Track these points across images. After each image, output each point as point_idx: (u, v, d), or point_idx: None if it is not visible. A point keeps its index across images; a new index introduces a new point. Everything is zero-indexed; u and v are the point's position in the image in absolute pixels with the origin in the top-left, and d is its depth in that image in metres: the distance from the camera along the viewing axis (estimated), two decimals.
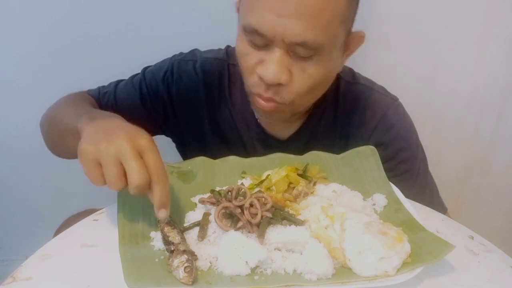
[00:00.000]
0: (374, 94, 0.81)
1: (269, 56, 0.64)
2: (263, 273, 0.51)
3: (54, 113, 0.78)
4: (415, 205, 0.67)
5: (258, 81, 0.67)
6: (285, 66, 0.64)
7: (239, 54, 0.68)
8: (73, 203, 0.86)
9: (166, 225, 0.55)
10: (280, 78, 0.64)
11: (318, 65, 0.65)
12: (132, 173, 0.51)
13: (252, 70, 0.67)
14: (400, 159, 0.79)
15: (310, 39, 0.61)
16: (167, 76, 0.82)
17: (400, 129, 0.80)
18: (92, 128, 0.58)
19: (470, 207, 1.42)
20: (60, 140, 0.74)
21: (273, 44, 0.63)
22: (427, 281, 0.52)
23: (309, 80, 0.66)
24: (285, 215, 0.58)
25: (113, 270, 0.50)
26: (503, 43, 1.22)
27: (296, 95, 0.67)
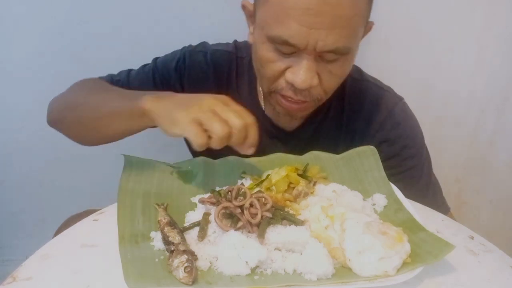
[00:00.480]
0: (381, 92, 0.83)
1: (297, 62, 0.66)
2: (263, 273, 0.51)
3: (85, 98, 0.77)
4: (415, 205, 0.67)
5: (286, 86, 0.69)
6: (314, 70, 0.66)
7: (262, 62, 0.69)
8: (73, 204, 0.86)
9: (166, 225, 0.55)
10: (311, 83, 0.66)
11: (343, 65, 0.68)
12: (232, 118, 0.57)
13: (278, 76, 0.68)
14: (406, 156, 0.80)
15: (341, 45, 0.64)
16: (179, 65, 0.83)
17: (406, 127, 0.81)
18: (168, 102, 0.62)
19: (470, 207, 1.42)
20: (101, 124, 0.72)
21: (302, 52, 0.64)
22: (427, 281, 0.52)
23: (335, 79, 0.70)
24: (285, 215, 0.58)
25: (113, 270, 0.50)
26: (503, 43, 1.22)
27: (324, 93, 0.71)
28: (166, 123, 0.60)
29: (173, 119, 0.58)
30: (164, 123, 0.60)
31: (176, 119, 0.58)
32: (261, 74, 0.71)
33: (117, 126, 0.69)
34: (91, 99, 0.75)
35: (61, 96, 0.81)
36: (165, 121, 0.60)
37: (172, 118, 0.58)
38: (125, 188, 0.63)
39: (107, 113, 0.70)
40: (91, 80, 0.84)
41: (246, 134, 0.59)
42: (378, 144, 0.77)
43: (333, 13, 0.60)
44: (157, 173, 0.68)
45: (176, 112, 0.58)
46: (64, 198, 1.27)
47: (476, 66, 1.24)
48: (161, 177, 0.67)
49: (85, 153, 1.24)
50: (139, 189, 0.64)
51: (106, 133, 0.73)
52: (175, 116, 0.58)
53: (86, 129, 0.76)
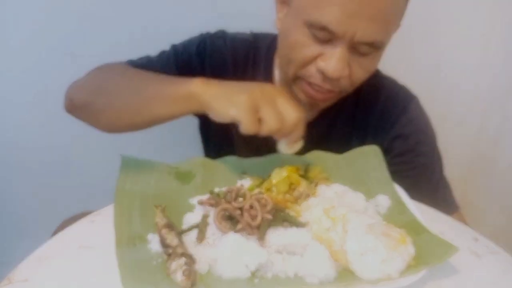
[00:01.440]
0: (396, 88, 0.83)
1: (331, 50, 0.66)
2: (264, 277, 0.51)
3: (120, 82, 0.74)
4: (419, 206, 0.66)
5: (315, 73, 0.69)
6: (346, 61, 0.66)
7: (294, 46, 0.69)
8: (70, 205, 0.86)
9: (164, 227, 0.55)
10: (343, 73, 0.67)
11: (374, 59, 0.69)
12: (290, 110, 0.60)
13: (309, 62, 0.69)
14: (419, 152, 0.80)
15: (378, 40, 0.65)
16: (200, 49, 0.83)
17: (420, 123, 0.81)
18: (221, 86, 0.63)
19: (474, 207, 1.42)
20: (140, 109, 0.69)
21: (338, 40, 0.64)
22: (431, 283, 0.52)
23: (364, 73, 0.70)
24: (286, 216, 0.57)
25: (110, 272, 0.49)
26: (507, 42, 1.21)
27: (350, 86, 0.71)
28: (222, 104, 0.60)
29: (232, 101, 0.59)
30: (220, 104, 0.60)
31: (235, 102, 0.59)
32: (290, 59, 0.71)
33: (158, 110, 0.67)
34: (127, 82, 0.73)
35: (85, 80, 0.78)
36: (221, 102, 0.60)
37: (231, 100, 0.59)
38: (122, 189, 0.63)
39: (148, 97, 0.68)
40: (117, 64, 0.82)
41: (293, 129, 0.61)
42: (391, 140, 0.78)
43: (376, 5, 0.61)
44: (155, 173, 0.67)
45: (237, 94, 0.59)
46: (60, 200, 1.27)
47: (480, 65, 1.24)
48: (159, 177, 0.67)
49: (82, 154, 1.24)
50: (136, 190, 0.63)
51: (144, 118, 0.70)
52: (235, 98, 0.59)
53: (120, 114, 0.72)
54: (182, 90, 0.64)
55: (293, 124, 0.60)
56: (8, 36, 1.13)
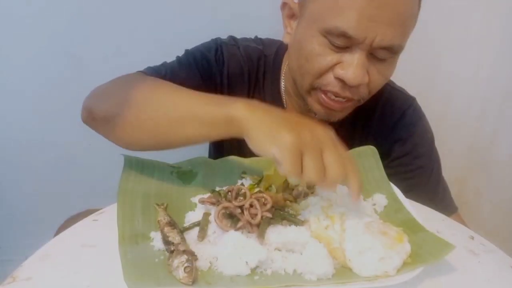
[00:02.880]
0: (394, 92, 0.84)
1: (349, 58, 0.65)
2: (263, 273, 0.51)
3: (150, 96, 0.65)
4: (415, 205, 0.67)
5: (333, 81, 0.68)
6: (365, 68, 0.66)
7: (311, 55, 0.68)
8: (73, 204, 0.86)
9: (166, 225, 0.55)
10: (363, 80, 0.66)
11: (391, 65, 0.69)
12: (335, 166, 0.51)
13: (326, 71, 0.68)
14: (416, 154, 0.81)
15: (396, 43, 0.64)
16: (218, 55, 0.82)
17: (418, 127, 0.82)
18: (267, 115, 0.55)
19: (470, 207, 1.42)
20: (171, 128, 0.62)
21: (356, 46, 0.64)
22: (427, 281, 0.52)
23: (382, 79, 0.70)
24: (285, 215, 0.58)
25: (113, 270, 0.50)
26: (504, 43, 1.22)
27: (368, 93, 0.71)
28: (265, 139, 0.52)
29: (276, 138, 0.51)
30: (262, 138, 0.53)
31: (280, 140, 0.51)
32: (306, 70, 0.70)
33: (191, 131, 0.60)
34: (159, 96, 0.64)
35: (108, 90, 0.71)
36: (263, 136, 0.53)
37: (275, 137, 0.51)
38: (125, 188, 0.63)
39: (182, 115, 0.61)
40: (142, 75, 0.75)
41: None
42: (391, 144, 0.78)
43: (394, 8, 0.61)
44: (157, 173, 0.68)
45: (281, 130, 0.51)
46: (64, 198, 1.27)
47: (476, 66, 1.25)
48: (161, 177, 0.67)
49: (85, 154, 1.24)
50: (139, 189, 0.64)
51: (173, 138, 0.63)
52: (280, 136, 0.51)
53: (146, 131, 0.64)
54: (222, 113, 0.56)
55: (334, 181, 0.52)
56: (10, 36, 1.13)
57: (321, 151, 0.52)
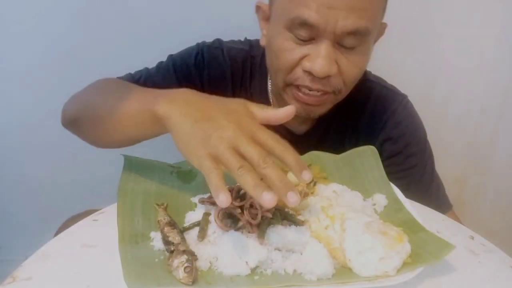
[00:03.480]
0: (385, 91, 0.83)
1: (315, 49, 0.65)
2: (263, 274, 0.51)
3: (101, 98, 0.70)
4: (415, 205, 0.67)
5: (303, 75, 0.68)
6: (333, 57, 0.65)
7: (279, 51, 0.68)
8: (73, 204, 0.86)
9: (166, 225, 0.55)
10: (330, 70, 0.65)
11: (361, 54, 0.68)
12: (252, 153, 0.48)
13: (294, 65, 0.68)
14: (408, 154, 0.81)
15: (361, 27, 0.63)
16: (198, 60, 0.82)
17: (408, 125, 0.82)
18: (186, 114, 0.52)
19: (470, 207, 1.42)
20: (113, 127, 0.64)
21: (320, 36, 0.64)
22: (427, 281, 0.52)
23: (355, 69, 0.69)
24: (285, 215, 0.58)
25: (113, 270, 0.50)
26: (504, 43, 1.22)
27: (343, 84, 0.70)
28: (182, 148, 0.52)
29: (189, 149, 0.51)
30: (181, 147, 0.52)
31: (192, 152, 0.50)
32: (277, 67, 0.70)
33: (132, 130, 0.62)
34: (107, 99, 0.68)
35: (77, 95, 0.76)
36: (181, 145, 0.52)
37: (188, 148, 0.51)
38: (125, 188, 0.63)
39: (120, 116, 0.62)
40: (110, 79, 0.79)
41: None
42: (381, 143, 0.78)
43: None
44: (157, 173, 0.68)
45: (193, 141, 0.50)
46: (64, 198, 1.27)
47: (476, 66, 1.25)
48: (161, 177, 0.67)
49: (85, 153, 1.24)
50: (138, 189, 0.64)
51: (123, 137, 0.66)
52: (191, 147, 0.50)
53: (100, 131, 0.69)
54: (147, 110, 0.56)
55: (262, 167, 0.48)
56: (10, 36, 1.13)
57: (252, 134, 0.50)
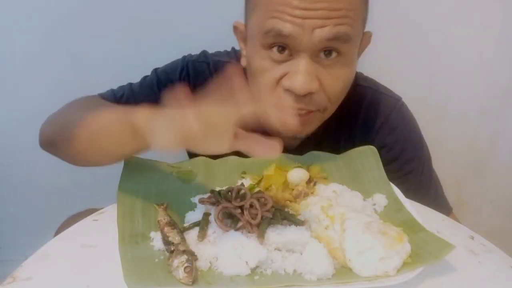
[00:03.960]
0: (377, 95, 0.81)
1: (294, 66, 0.62)
2: (263, 273, 0.51)
3: (76, 117, 0.68)
4: (415, 205, 0.67)
5: (284, 95, 0.64)
6: (313, 73, 0.62)
7: (257, 72, 0.65)
8: (73, 203, 0.86)
9: (166, 225, 0.55)
10: (311, 86, 0.62)
11: (344, 66, 0.65)
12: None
13: (275, 85, 0.65)
14: (404, 160, 0.79)
15: (340, 32, 0.61)
16: (183, 76, 0.80)
17: (403, 130, 0.80)
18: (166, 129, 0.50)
19: (470, 207, 1.42)
20: (91, 145, 0.64)
21: (297, 51, 0.62)
22: (427, 281, 0.52)
23: (339, 83, 0.66)
24: (285, 215, 0.58)
25: (113, 270, 0.50)
26: (504, 43, 1.22)
27: (328, 101, 0.66)
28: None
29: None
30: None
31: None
32: (258, 89, 0.67)
33: (111, 147, 0.61)
34: (84, 116, 0.66)
35: (53, 116, 0.74)
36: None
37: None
38: (125, 188, 0.63)
39: (97, 131, 0.62)
40: (86, 97, 0.77)
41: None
42: (377, 150, 0.76)
43: (328, 6, 0.59)
44: (157, 173, 0.68)
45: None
46: (64, 198, 1.27)
47: (476, 66, 1.25)
48: (161, 177, 0.67)
49: None
50: (138, 189, 0.64)
51: (97, 154, 0.65)
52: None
53: (78, 149, 0.67)
54: (126, 123, 0.54)
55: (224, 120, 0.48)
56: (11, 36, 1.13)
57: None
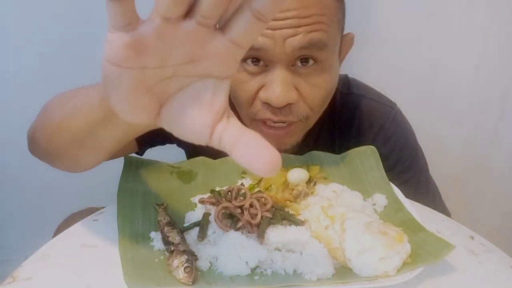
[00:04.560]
0: (371, 104, 0.79)
1: (270, 77, 0.60)
2: (263, 273, 0.51)
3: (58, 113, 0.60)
4: (415, 205, 0.67)
5: (262, 107, 0.62)
6: (290, 83, 0.60)
7: (234, 85, 0.63)
8: (73, 204, 0.86)
9: (166, 225, 0.55)
10: (288, 97, 0.60)
11: (322, 74, 0.62)
12: None
13: (252, 98, 0.63)
14: (400, 169, 0.79)
15: (314, 39, 0.58)
16: None
17: (398, 139, 0.79)
18: None
19: (470, 207, 1.43)
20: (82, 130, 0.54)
21: (272, 62, 0.60)
22: (427, 281, 0.52)
23: (319, 91, 0.63)
24: (285, 215, 0.58)
25: (113, 270, 0.50)
26: (503, 43, 1.22)
27: (310, 110, 0.64)
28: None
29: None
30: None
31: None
32: (237, 102, 0.65)
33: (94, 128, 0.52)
34: (65, 102, 0.58)
35: (35, 119, 0.67)
36: None
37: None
38: (125, 188, 0.63)
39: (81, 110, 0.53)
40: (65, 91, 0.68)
41: None
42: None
43: (297, 13, 0.56)
44: (157, 173, 0.68)
45: None
46: (64, 199, 1.27)
47: (476, 66, 1.25)
48: (161, 177, 0.67)
49: None
50: (138, 189, 0.64)
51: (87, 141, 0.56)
52: None
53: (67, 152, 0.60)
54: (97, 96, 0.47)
55: None
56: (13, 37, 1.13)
57: None
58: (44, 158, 0.67)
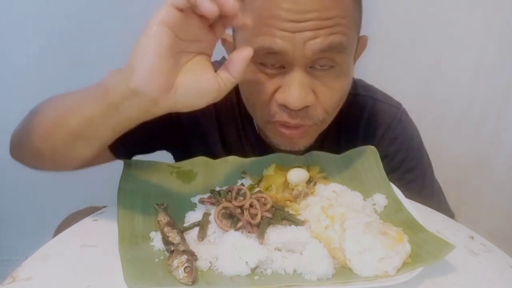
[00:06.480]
0: (377, 105, 0.79)
1: (287, 80, 0.59)
2: (263, 273, 0.51)
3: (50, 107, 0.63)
4: (415, 205, 0.67)
5: (278, 110, 0.62)
6: (308, 86, 0.60)
7: (249, 86, 0.63)
8: (73, 204, 0.86)
9: (166, 225, 0.55)
10: (306, 100, 0.59)
11: (339, 77, 0.62)
12: None
13: (268, 100, 0.62)
14: (406, 169, 0.79)
15: (334, 42, 0.57)
16: None
17: (404, 139, 0.79)
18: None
19: (470, 207, 1.43)
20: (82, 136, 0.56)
21: (290, 64, 0.59)
22: (427, 281, 0.52)
23: (335, 94, 0.63)
24: (285, 215, 0.58)
25: (113, 270, 0.50)
26: (504, 43, 1.22)
27: (325, 113, 0.64)
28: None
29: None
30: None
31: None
32: (252, 104, 0.65)
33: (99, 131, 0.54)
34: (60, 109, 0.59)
35: (22, 124, 0.68)
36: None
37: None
38: (125, 188, 0.63)
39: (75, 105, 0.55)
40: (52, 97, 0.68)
41: None
42: None
43: (318, 15, 0.56)
44: (157, 173, 0.68)
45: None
46: (64, 199, 1.27)
47: (476, 66, 1.25)
48: (161, 177, 0.67)
49: None
50: (138, 189, 0.64)
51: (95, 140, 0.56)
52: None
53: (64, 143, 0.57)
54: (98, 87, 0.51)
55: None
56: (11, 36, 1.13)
57: None
58: (30, 159, 0.67)
